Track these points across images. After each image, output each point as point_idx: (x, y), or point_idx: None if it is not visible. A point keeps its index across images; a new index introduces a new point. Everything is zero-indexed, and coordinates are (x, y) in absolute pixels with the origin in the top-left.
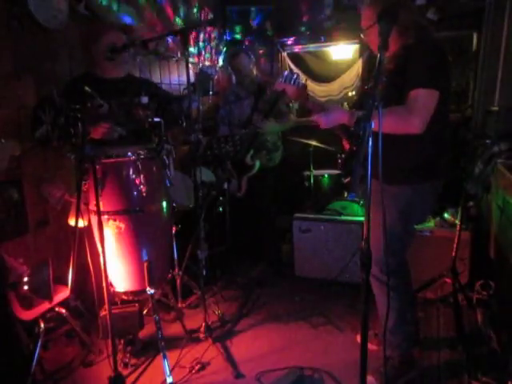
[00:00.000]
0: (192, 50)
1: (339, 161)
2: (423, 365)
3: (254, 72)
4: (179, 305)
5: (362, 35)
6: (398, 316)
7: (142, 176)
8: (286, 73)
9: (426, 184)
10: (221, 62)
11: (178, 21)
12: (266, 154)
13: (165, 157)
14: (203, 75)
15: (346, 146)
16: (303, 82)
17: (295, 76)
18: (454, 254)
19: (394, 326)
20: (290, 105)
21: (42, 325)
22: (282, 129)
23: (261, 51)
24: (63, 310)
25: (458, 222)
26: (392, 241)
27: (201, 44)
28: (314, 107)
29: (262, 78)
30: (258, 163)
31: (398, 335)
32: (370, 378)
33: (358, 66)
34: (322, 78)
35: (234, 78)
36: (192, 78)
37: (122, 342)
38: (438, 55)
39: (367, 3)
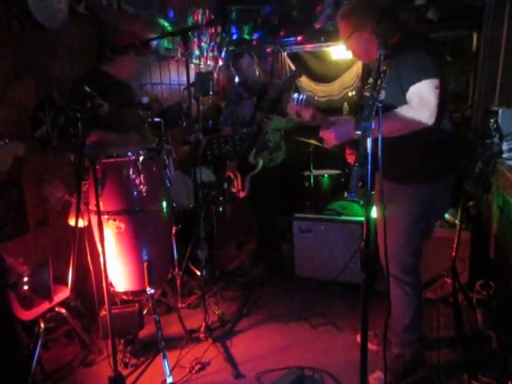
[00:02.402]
0: (196, 52)
1: (346, 170)
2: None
3: (257, 72)
4: (179, 305)
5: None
6: (415, 314)
7: (141, 176)
8: (296, 95)
9: (442, 179)
10: (220, 63)
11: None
12: (268, 154)
13: (165, 157)
14: (203, 75)
15: (351, 159)
16: (313, 100)
17: (305, 97)
18: (454, 254)
19: (410, 323)
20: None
21: (42, 325)
22: (287, 126)
23: (268, 49)
24: (63, 310)
25: (457, 222)
26: (413, 240)
27: (204, 46)
28: (325, 122)
29: (264, 78)
30: (261, 162)
31: (414, 333)
32: (377, 373)
33: (358, 66)
34: (322, 78)
35: (236, 78)
36: (192, 78)
37: (122, 342)
38: (425, 45)
39: (340, 17)
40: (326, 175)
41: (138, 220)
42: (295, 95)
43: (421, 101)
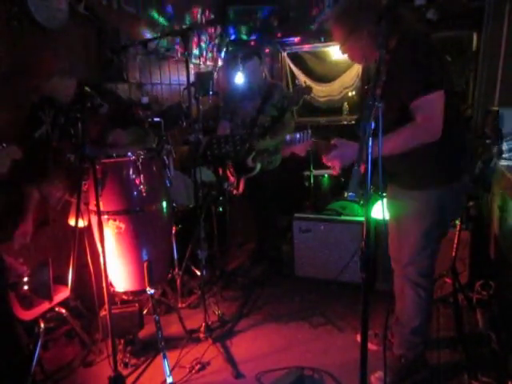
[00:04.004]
0: (195, 51)
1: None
2: None
3: (264, 75)
4: (179, 305)
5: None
6: (425, 317)
7: (141, 176)
8: (288, 137)
9: (454, 183)
10: (220, 63)
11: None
12: (268, 157)
13: (165, 157)
14: (203, 75)
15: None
16: (308, 133)
17: (298, 136)
18: (453, 254)
19: (418, 326)
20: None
21: (42, 325)
22: (274, 143)
23: (267, 50)
24: (63, 310)
25: (458, 221)
26: (430, 244)
27: (203, 45)
28: (321, 147)
29: (270, 80)
30: (258, 166)
31: (420, 336)
32: (379, 373)
33: (358, 66)
34: (322, 78)
35: (237, 78)
36: (192, 78)
37: (122, 342)
38: (425, 50)
39: (333, 21)
40: (325, 175)
41: (138, 220)
42: (287, 137)
43: (425, 117)
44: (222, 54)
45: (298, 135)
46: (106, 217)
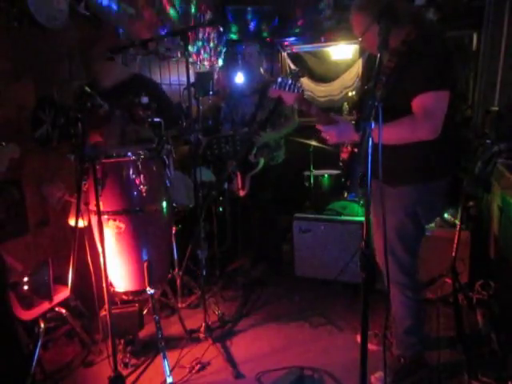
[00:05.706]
0: (190, 48)
1: (340, 164)
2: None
3: (262, 70)
4: (179, 305)
5: (359, 43)
6: (415, 316)
7: (141, 176)
8: (279, 79)
9: (429, 184)
10: (220, 62)
11: (173, 14)
12: (269, 153)
13: (165, 157)
14: (203, 75)
15: (345, 155)
16: (300, 87)
17: (290, 82)
18: (453, 254)
19: (411, 326)
20: (294, 106)
21: (42, 325)
22: (278, 135)
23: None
24: (63, 310)
25: (457, 221)
26: (405, 240)
27: (199, 43)
28: (319, 115)
29: (268, 77)
30: (261, 161)
31: (414, 336)
32: (379, 373)
33: (358, 66)
34: (322, 78)
35: (238, 77)
36: (192, 78)
37: (122, 342)
38: (442, 50)
39: (355, 10)
40: (325, 175)
41: (138, 220)
42: (278, 79)
43: (426, 114)
44: (222, 54)
45: (289, 81)
46: (106, 217)
